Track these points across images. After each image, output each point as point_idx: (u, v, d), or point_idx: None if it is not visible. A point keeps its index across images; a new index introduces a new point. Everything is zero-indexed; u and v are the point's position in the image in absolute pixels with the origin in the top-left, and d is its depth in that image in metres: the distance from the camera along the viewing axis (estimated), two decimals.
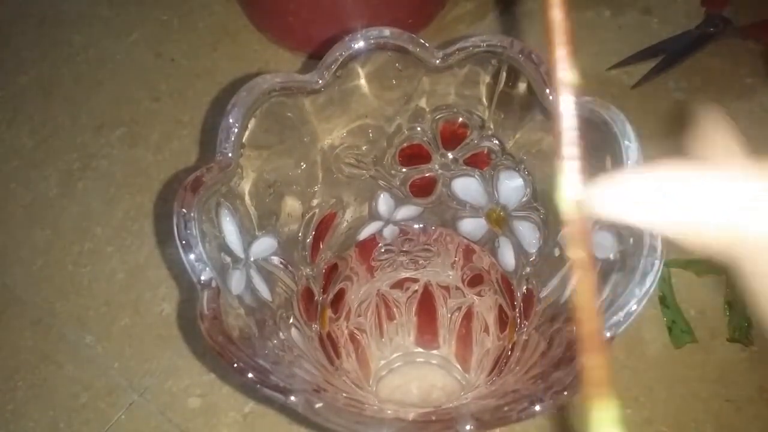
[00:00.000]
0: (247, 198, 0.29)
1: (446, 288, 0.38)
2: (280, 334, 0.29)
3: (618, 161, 0.25)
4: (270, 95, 0.28)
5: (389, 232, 0.37)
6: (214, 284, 0.24)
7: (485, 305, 0.37)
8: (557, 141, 0.13)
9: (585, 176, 0.14)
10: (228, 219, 0.28)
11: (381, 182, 0.35)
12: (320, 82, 0.28)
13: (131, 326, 0.43)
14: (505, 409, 0.22)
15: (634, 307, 0.23)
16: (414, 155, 0.34)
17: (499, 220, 0.34)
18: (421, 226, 0.37)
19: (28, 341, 0.43)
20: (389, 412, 0.26)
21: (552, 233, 0.31)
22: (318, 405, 0.22)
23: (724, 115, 0.16)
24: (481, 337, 0.37)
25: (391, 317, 0.38)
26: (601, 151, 0.26)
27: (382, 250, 0.38)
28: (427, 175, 0.35)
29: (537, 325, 0.31)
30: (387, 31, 0.28)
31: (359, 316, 0.37)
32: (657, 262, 0.23)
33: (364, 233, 0.36)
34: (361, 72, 0.29)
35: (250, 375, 0.23)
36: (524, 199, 0.33)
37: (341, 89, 0.29)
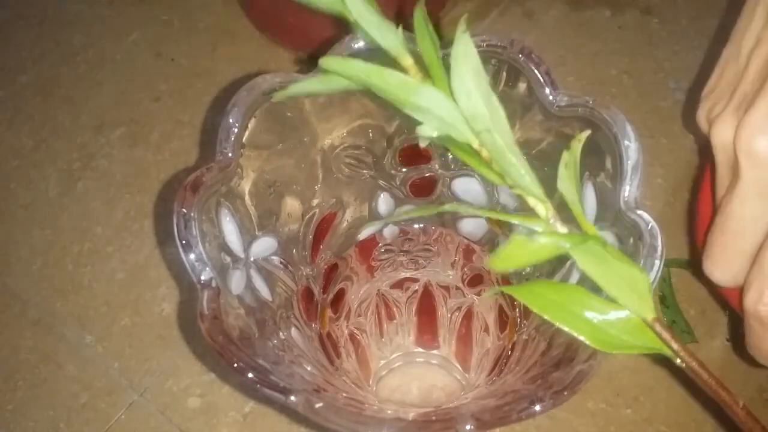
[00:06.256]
0: (247, 198, 0.29)
1: (446, 288, 0.38)
2: (280, 334, 0.29)
3: (618, 161, 0.25)
4: (270, 95, 0.28)
5: (389, 232, 0.37)
6: (214, 284, 0.24)
7: (485, 305, 0.37)
8: None
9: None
10: (228, 219, 0.28)
11: (381, 182, 0.35)
12: None
13: (131, 326, 0.43)
14: (505, 409, 0.22)
15: None
16: (414, 155, 0.34)
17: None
18: (421, 226, 0.37)
19: (28, 341, 0.43)
20: (389, 412, 0.26)
21: None
22: (318, 405, 0.22)
23: None
24: (481, 337, 0.37)
25: (391, 317, 0.38)
26: (601, 151, 0.26)
27: (382, 250, 0.38)
28: (427, 175, 0.35)
29: (537, 325, 0.31)
30: None
31: (359, 316, 0.37)
32: (657, 262, 0.23)
33: (364, 233, 0.36)
34: None
35: (250, 375, 0.23)
36: None
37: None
